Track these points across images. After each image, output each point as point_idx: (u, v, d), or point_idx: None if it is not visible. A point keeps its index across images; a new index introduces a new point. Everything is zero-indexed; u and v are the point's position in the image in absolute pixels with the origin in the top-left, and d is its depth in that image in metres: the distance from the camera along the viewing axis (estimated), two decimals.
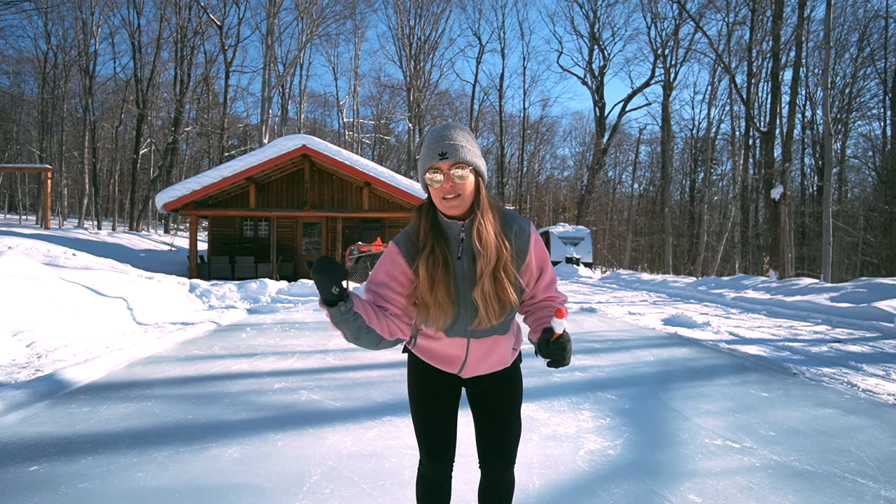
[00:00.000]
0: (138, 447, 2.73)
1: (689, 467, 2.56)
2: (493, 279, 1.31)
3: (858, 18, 25.76)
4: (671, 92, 28.84)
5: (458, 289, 1.34)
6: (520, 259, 1.36)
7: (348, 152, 15.67)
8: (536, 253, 1.39)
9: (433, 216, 1.37)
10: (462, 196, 1.31)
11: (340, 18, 25.93)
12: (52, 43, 28.84)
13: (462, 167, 1.29)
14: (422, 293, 1.33)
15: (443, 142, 1.29)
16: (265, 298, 10.16)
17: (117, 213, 35.83)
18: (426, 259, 1.32)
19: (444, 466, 1.48)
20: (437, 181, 1.29)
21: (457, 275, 1.35)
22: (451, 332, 1.39)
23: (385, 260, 1.37)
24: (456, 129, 1.33)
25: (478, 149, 1.36)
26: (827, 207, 14.16)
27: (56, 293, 6.07)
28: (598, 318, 8.34)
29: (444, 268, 1.32)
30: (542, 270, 1.42)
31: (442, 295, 1.31)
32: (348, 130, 34.99)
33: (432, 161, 1.29)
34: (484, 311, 1.32)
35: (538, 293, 1.43)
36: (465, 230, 1.35)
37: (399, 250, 1.36)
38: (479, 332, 1.38)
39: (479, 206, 1.34)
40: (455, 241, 1.36)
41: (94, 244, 15.41)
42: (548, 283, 1.43)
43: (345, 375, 4.36)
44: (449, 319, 1.34)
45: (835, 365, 4.90)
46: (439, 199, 1.31)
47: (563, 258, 25.67)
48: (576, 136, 49.11)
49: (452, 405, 1.50)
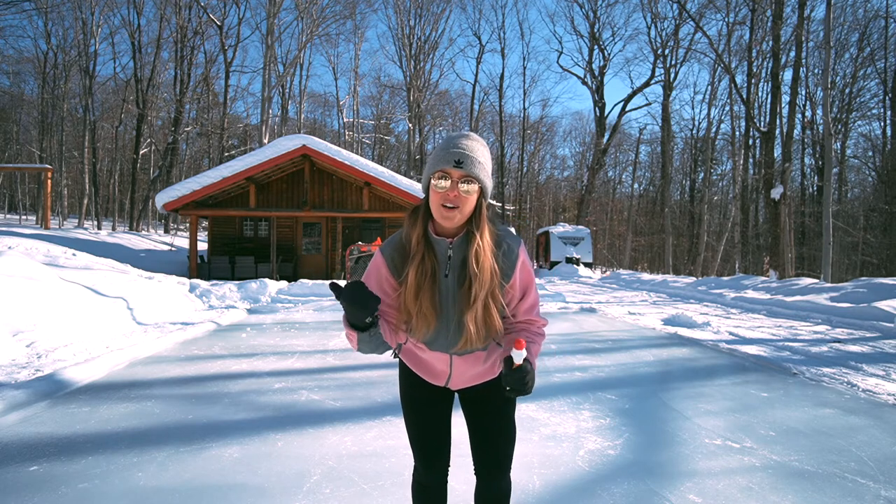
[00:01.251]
0: (138, 447, 2.72)
1: (689, 467, 2.56)
2: (484, 306, 1.28)
3: (858, 18, 25.80)
4: (671, 92, 28.86)
5: (443, 302, 1.32)
6: (504, 280, 1.32)
7: (348, 152, 15.68)
8: (522, 275, 1.36)
9: (425, 226, 1.33)
10: (461, 210, 1.27)
11: (340, 18, 25.99)
12: (52, 43, 28.86)
13: (471, 182, 1.26)
14: (406, 300, 1.30)
15: (462, 150, 1.26)
16: (265, 298, 10.16)
17: (117, 213, 35.82)
18: (417, 266, 1.29)
19: (438, 472, 1.46)
20: (443, 187, 1.25)
21: (442, 289, 1.32)
22: (433, 347, 1.37)
23: (372, 272, 1.36)
24: (477, 142, 1.30)
25: (490, 168, 1.33)
26: (827, 207, 14.16)
27: (56, 293, 6.07)
28: (598, 318, 8.34)
29: (431, 278, 1.29)
30: (525, 293, 1.37)
31: (427, 305, 1.28)
32: (348, 130, 34.99)
33: (444, 165, 1.25)
34: (473, 336, 1.29)
35: (518, 314, 1.39)
36: (452, 248, 1.32)
37: (385, 261, 1.34)
38: (461, 351, 1.36)
39: (478, 226, 1.30)
40: (442, 258, 1.33)
41: (94, 244, 15.41)
42: (529, 307, 1.39)
43: (345, 375, 4.36)
44: (430, 331, 1.32)
45: (835, 365, 4.90)
46: (438, 204, 1.27)
47: (563, 258, 25.67)
48: (576, 136, 49.23)
49: (445, 410, 1.48)
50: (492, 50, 75.42)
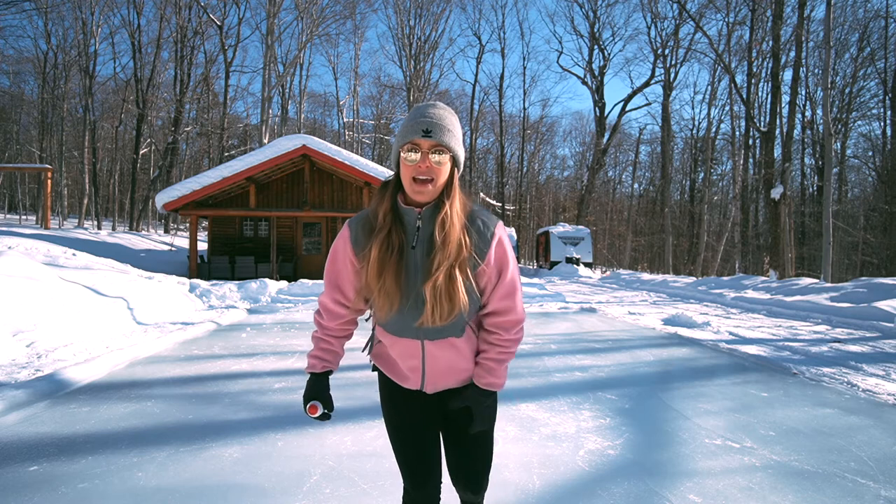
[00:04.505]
0: (138, 447, 2.72)
1: (689, 467, 2.56)
2: (448, 276, 1.20)
3: (858, 18, 25.80)
4: (671, 92, 28.85)
5: (408, 279, 1.24)
6: (478, 258, 1.24)
7: (348, 152, 15.68)
8: (497, 254, 1.27)
9: (394, 199, 1.27)
10: (435, 182, 1.21)
11: (340, 18, 25.99)
12: (52, 43, 28.81)
13: (442, 151, 1.20)
14: (369, 277, 1.23)
15: (431, 119, 1.19)
16: (265, 298, 10.16)
17: (117, 213, 35.82)
18: (381, 242, 1.23)
19: (430, 492, 1.36)
20: (413, 160, 1.19)
21: (409, 265, 1.25)
22: (401, 332, 1.29)
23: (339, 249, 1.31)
24: (444, 111, 1.23)
25: (461, 136, 1.27)
26: (827, 207, 14.16)
27: (56, 293, 6.07)
28: (598, 318, 8.34)
29: (398, 254, 1.23)
30: (500, 274, 1.27)
31: (390, 282, 1.22)
32: (348, 130, 35.01)
33: (413, 136, 1.19)
34: (430, 308, 1.21)
35: (492, 301, 1.29)
36: (421, 217, 1.25)
37: (350, 239, 1.29)
38: (431, 332, 1.26)
39: (449, 195, 1.24)
40: (411, 228, 1.26)
41: (94, 244, 15.41)
42: (505, 293, 1.28)
43: (345, 375, 4.36)
44: (394, 310, 1.24)
45: (835, 365, 4.90)
46: (409, 178, 1.20)
47: (563, 258, 25.69)
48: (576, 136, 49.23)
49: (431, 424, 1.38)
50: (492, 50, 75.57)
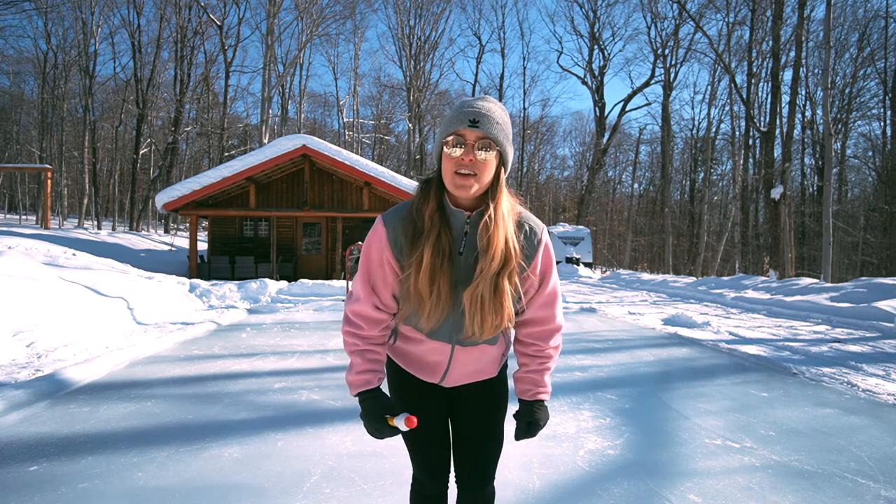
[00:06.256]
0: (138, 447, 2.72)
1: (689, 467, 2.56)
2: (494, 286, 1.12)
3: (858, 18, 25.80)
4: (671, 92, 28.87)
5: (456, 288, 1.16)
6: (525, 264, 1.18)
7: (348, 152, 15.68)
8: (544, 260, 1.22)
9: (441, 197, 1.17)
10: (479, 178, 1.10)
11: (340, 18, 25.97)
12: (52, 43, 28.80)
13: (489, 148, 1.10)
14: (420, 285, 1.12)
15: (478, 109, 1.10)
16: (265, 298, 10.16)
17: (117, 213, 35.82)
18: (433, 244, 1.12)
19: (442, 482, 1.35)
20: (456, 152, 1.09)
21: (458, 272, 1.17)
22: (435, 336, 1.22)
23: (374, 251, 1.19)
24: (495, 104, 1.14)
25: (511, 134, 1.16)
26: (827, 207, 14.16)
27: (56, 293, 6.07)
28: (598, 318, 8.34)
29: (449, 261, 1.13)
30: (542, 282, 1.22)
31: (445, 289, 1.13)
32: (348, 130, 34.99)
33: (458, 125, 1.09)
34: (469, 320, 1.14)
35: (531, 308, 1.24)
36: (470, 222, 1.16)
37: (388, 240, 1.17)
38: (467, 341, 1.22)
39: (495, 197, 1.15)
40: (458, 233, 1.17)
41: (94, 244, 15.41)
42: (545, 302, 1.24)
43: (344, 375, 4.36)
44: (443, 318, 1.16)
45: (835, 365, 4.90)
46: (451, 172, 1.10)
47: (563, 258, 25.71)
48: (576, 136, 49.22)
49: (444, 414, 1.35)
50: (492, 50, 75.60)
